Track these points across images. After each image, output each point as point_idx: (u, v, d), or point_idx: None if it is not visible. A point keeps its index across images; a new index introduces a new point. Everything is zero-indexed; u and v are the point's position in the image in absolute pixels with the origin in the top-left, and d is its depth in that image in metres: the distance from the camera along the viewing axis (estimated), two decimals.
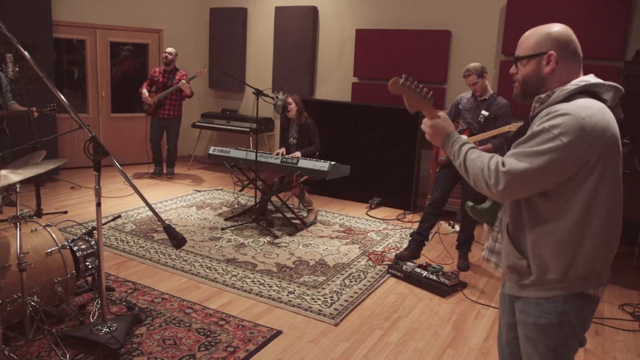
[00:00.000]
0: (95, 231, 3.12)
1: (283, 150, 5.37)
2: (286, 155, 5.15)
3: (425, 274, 3.96)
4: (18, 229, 2.67)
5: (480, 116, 4.12)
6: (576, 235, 1.56)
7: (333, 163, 4.88)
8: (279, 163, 5.07)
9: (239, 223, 5.17)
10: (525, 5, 5.67)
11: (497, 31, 5.94)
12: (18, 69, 5.09)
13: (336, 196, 6.51)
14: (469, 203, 1.99)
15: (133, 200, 5.70)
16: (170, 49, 6.74)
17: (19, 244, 2.60)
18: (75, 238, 3.26)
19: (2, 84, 5.12)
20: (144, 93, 6.72)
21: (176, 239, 2.61)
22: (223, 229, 5.00)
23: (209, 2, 8.06)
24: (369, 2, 6.71)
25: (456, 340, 3.21)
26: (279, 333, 3.15)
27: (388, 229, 5.35)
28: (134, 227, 4.91)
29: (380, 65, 6.62)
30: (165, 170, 7.15)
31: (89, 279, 3.38)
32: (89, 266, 3.19)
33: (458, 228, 4.60)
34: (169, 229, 2.61)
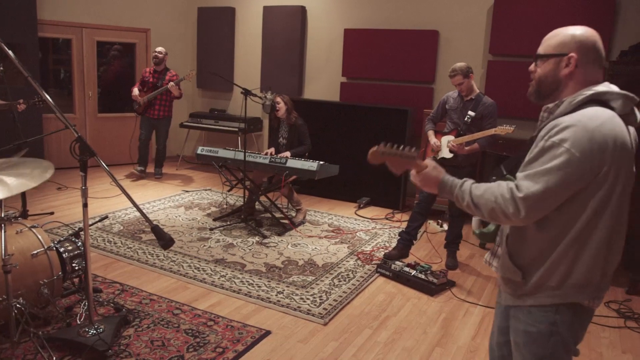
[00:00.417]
0: (82, 232, 3.09)
1: (272, 150, 5.36)
2: (275, 155, 5.14)
3: (413, 273, 3.98)
4: (3, 231, 2.64)
5: (467, 116, 4.15)
6: (579, 243, 1.53)
7: (322, 163, 4.88)
8: (267, 163, 5.06)
9: (228, 223, 5.15)
10: (511, 5, 5.71)
11: (485, 31, 5.98)
12: (3, 69, 5.03)
13: (325, 196, 6.51)
14: (476, 231, 1.95)
15: (120, 201, 5.66)
16: (160, 49, 6.71)
17: (3, 245, 2.58)
18: (62, 239, 3.23)
19: None
20: (135, 91, 6.68)
21: (164, 240, 2.60)
22: (211, 229, 4.99)
23: (196, 2, 8.02)
24: (357, 2, 6.72)
25: (445, 339, 3.23)
26: (267, 333, 3.15)
27: (377, 229, 5.36)
28: (122, 228, 4.88)
29: (369, 65, 6.63)
30: (153, 171, 7.11)
31: (75, 280, 3.35)
32: (76, 267, 3.17)
33: (446, 227, 4.62)
34: (156, 230, 2.59)
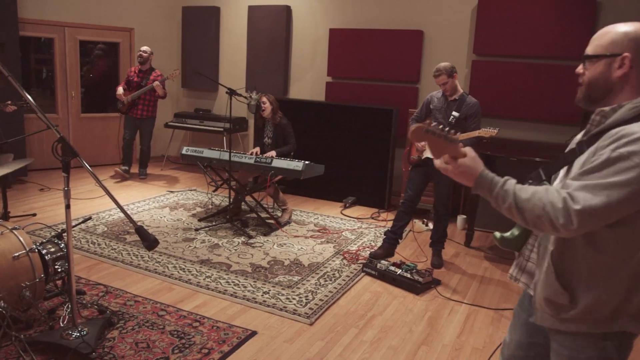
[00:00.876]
0: (64, 234, 3.06)
1: (257, 150, 5.35)
2: (260, 155, 5.13)
3: (399, 272, 4.00)
4: None
5: (451, 117, 4.18)
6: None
7: (307, 162, 4.88)
8: (252, 163, 5.05)
9: (213, 223, 5.13)
10: (495, 6, 5.76)
11: (469, 31, 6.03)
12: None
13: (311, 195, 6.51)
14: (497, 235, 1.79)
15: (104, 202, 5.60)
16: (145, 48, 6.65)
17: None
18: (44, 241, 3.19)
19: None
20: (119, 90, 6.62)
21: (148, 241, 2.58)
22: (197, 229, 4.96)
23: (181, 1, 7.97)
24: (342, 2, 6.73)
25: (430, 337, 3.25)
26: (253, 333, 3.14)
27: (362, 228, 5.38)
28: (106, 229, 4.83)
29: (354, 64, 6.65)
30: (137, 171, 7.05)
31: (58, 282, 3.31)
32: (59, 269, 3.12)
33: (431, 226, 4.65)
34: (141, 231, 2.57)
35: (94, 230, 4.78)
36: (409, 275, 3.94)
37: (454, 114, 4.16)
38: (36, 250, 3.00)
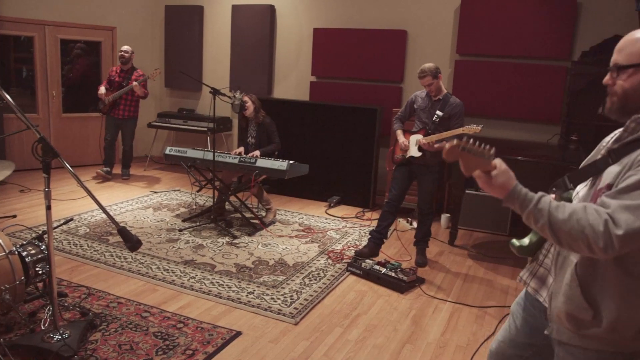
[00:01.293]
0: (45, 235, 3.02)
1: (241, 149, 5.33)
2: (244, 155, 5.11)
3: (384, 270, 4.02)
4: None
5: (435, 116, 4.20)
6: None
7: (291, 162, 4.88)
8: (237, 163, 5.03)
9: (197, 224, 5.10)
10: (477, 6, 5.81)
11: (452, 31, 6.07)
12: None
13: (295, 195, 6.51)
14: (516, 243, 1.74)
15: (86, 203, 5.54)
16: (127, 47, 6.58)
17: None
18: (25, 243, 3.14)
19: None
20: (101, 90, 6.55)
21: (131, 242, 2.56)
22: (181, 230, 4.93)
23: (164, 0, 7.90)
24: (326, 2, 6.73)
25: (415, 335, 3.27)
26: (238, 334, 3.13)
27: (347, 227, 5.39)
28: (88, 230, 4.78)
29: (338, 64, 6.65)
30: (120, 172, 6.98)
31: (39, 285, 3.26)
32: (40, 272, 3.08)
33: (416, 225, 4.67)
34: (123, 232, 2.55)
35: (76, 232, 4.72)
36: (393, 274, 3.96)
37: (438, 113, 4.19)
38: (16, 253, 2.95)
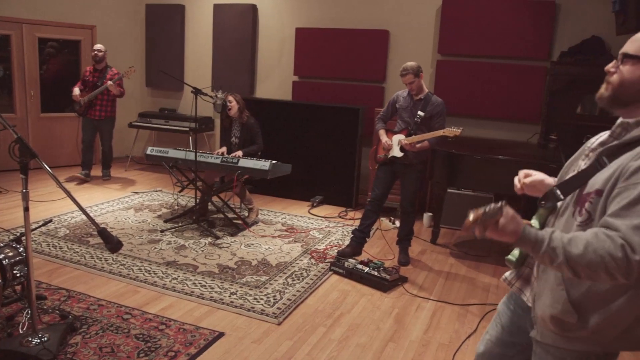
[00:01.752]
0: (23, 237, 2.96)
1: (224, 149, 5.30)
2: (227, 155, 5.08)
3: (366, 270, 4.03)
4: None
5: (417, 116, 4.23)
6: None
7: (274, 162, 4.87)
8: (219, 163, 5.00)
9: (179, 224, 5.06)
10: (459, 6, 5.86)
11: (434, 31, 6.11)
12: None
13: (278, 195, 6.50)
14: (511, 259, 1.69)
15: (66, 204, 5.45)
16: (100, 46, 6.46)
17: None
18: (2, 245, 3.08)
19: None
20: (75, 91, 6.43)
21: (111, 243, 2.53)
22: (162, 231, 4.88)
23: None
24: (308, 1, 6.73)
25: (397, 334, 3.28)
26: (221, 335, 3.11)
27: (330, 227, 5.39)
28: (68, 232, 4.71)
29: (321, 64, 6.66)
30: (100, 173, 6.89)
31: (17, 288, 3.21)
32: (18, 274, 3.02)
33: (398, 224, 4.70)
34: (103, 233, 2.52)
35: (55, 234, 4.65)
36: (376, 273, 3.98)
37: (420, 113, 4.21)
38: None
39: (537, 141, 5.53)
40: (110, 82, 6.29)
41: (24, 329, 2.94)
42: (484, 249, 4.92)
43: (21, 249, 3.09)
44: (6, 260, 2.98)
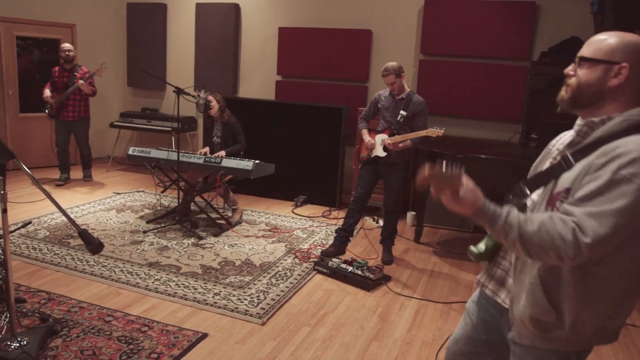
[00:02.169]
0: (1, 239, 2.92)
1: (207, 149, 5.27)
2: (210, 155, 5.06)
3: (350, 269, 4.04)
4: None
5: (399, 116, 4.25)
6: (630, 293, 1.42)
7: (257, 162, 4.85)
8: (202, 163, 4.97)
9: (162, 225, 5.02)
10: (441, 6, 5.91)
11: (416, 31, 6.15)
12: None
13: (261, 195, 6.48)
14: (474, 251, 1.78)
15: (46, 205, 5.37)
16: (69, 45, 6.29)
17: None
18: None
19: None
20: (46, 93, 6.26)
21: (93, 245, 2.51)
22: (145, 232, 4.84)
23: None
24: (291, 1, 6.71)
25: (381, 332, 3.30)
26: (204, 336, 3.09)
27: (314, 226, 5.40)
28: (48, 234, 4.64)
29: (304, 63, 6.65)
30: (81, 174, 6.79)
31: None
32: None
33: (382, 223, 4.72)
34: (84, 234, 2.50)
35: (35, 235, 4.58)
36: (360, 272, 3.99)
37: (402, 113, 4.24)
38: None
39: (519, 140, 5.59)
40: (81, 81, 6.15)
41: (3, 332, 2.89)
42: (466, 248, 4.95)
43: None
44: None
